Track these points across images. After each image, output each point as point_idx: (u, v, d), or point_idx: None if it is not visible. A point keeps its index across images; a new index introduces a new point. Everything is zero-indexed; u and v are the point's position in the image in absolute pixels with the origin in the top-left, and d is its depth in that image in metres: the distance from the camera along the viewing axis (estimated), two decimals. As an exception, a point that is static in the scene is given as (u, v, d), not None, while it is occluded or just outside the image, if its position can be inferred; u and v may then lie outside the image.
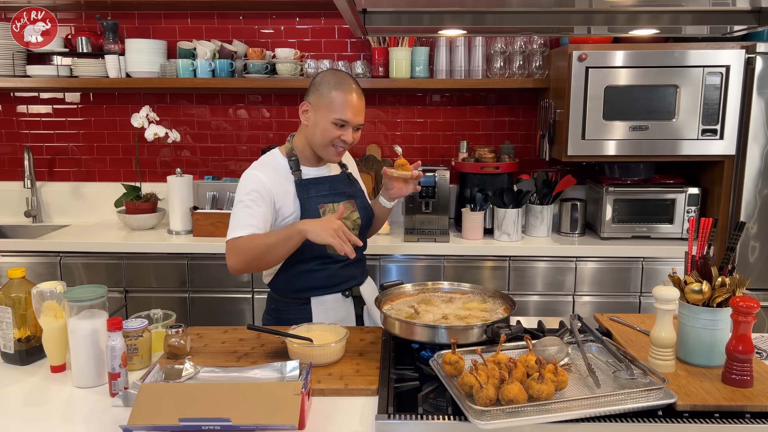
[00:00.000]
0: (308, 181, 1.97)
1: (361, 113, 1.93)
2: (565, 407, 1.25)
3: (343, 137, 1.90)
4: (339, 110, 1.87)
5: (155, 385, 1.38)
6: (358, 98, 1.91)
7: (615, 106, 2.79)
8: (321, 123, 1.89)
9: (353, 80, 1.94)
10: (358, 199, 2.05)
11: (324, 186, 1.99)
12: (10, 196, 3.46)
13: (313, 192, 1.96)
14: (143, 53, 3.14)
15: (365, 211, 2.05)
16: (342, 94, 1.87)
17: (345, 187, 2.04)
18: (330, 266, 1.99)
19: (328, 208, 1.96)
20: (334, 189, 2.01)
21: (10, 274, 1.63)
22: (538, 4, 1.67)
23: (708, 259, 1.51)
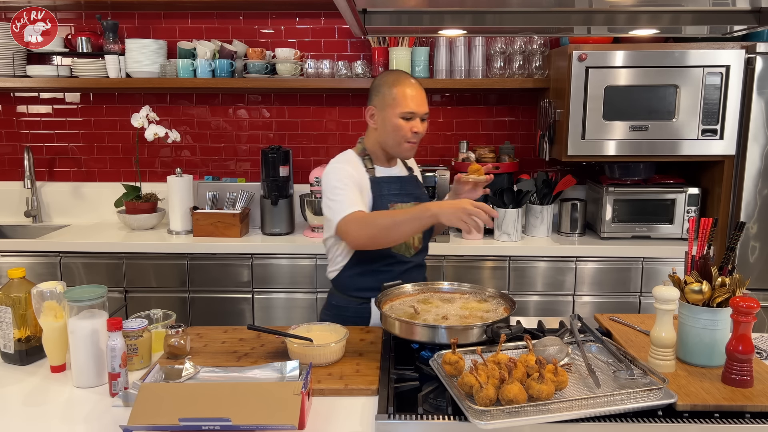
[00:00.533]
0: (381, 179, 2.01)
1: (425, 102, 1.98)
2: (565, 407, 1.25)
3: (414, 129, 1.95)
4: (404, 104, 1.93)
5: (155, 385, 1.38)
6: (418, 90, 1.96)
7: (615, 106, 2.79)
8: (390, 121, 1.95)
9: (408, 75, 2.01)
10: (422, 201, 2.07)
11: (395, 185, 2.03)
12: (10, 196, 3.46)
13: (385, 190, 2.00)
14: (143, 53, 3.14)
15: None
16: (402, 89, 1.94)
17: (413, 188, 2.09)
18: (394, 268, 2.01)
19: (397, 207, 1.98)
20: (405, 189, 2.05)
21: (10, 274, 1.63)
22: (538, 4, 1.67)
23: (708, 259, 1.51)
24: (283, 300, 2.94)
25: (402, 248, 2.02)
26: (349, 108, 3.39)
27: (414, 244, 2.05)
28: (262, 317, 2.95)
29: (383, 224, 1.81)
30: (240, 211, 3.04)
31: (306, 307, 2.93)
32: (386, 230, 1.81)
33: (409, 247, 2.03)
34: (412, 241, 2.04)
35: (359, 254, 1.99)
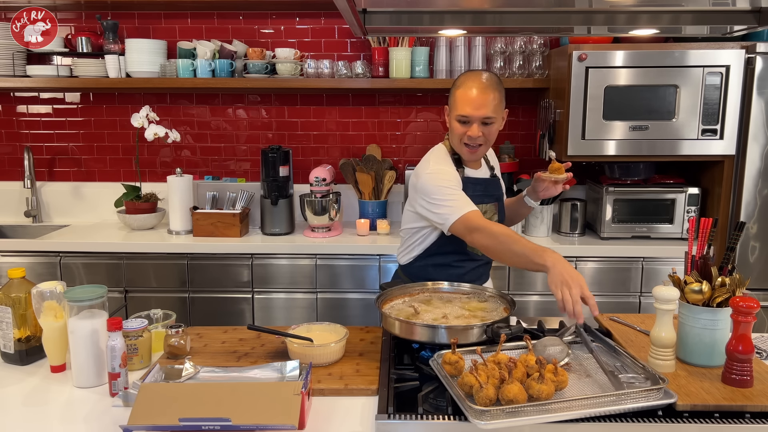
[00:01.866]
0: (468, 180, 2.01)
1: (485, 106, 1.88)
2: (565, 407, 1.25)
3: (469, 133, 1.91)
4: (460, 107, 1.90)
5: (155, 385, 1.38)
6: (480, 92, 1.88)
7: (615, 106, 2.79)
8: (451, 123, 1.96)
9: (480, 75, 1.91)
10: (500, 203, 2.10)
11: (480, 187, 2.03)
12: (10, 196, 3.46)
13: (471, 191, 1.98)
14: (143, 53, 3.14)
15: (502, 215, 2.12)
16: (463, 91, 1.90)
17: (495, 189, 2.09)
18: (465, 264, 2.04)
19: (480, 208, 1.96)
20: (487, 191, 2.05)
21: (10, 274, 1.63)
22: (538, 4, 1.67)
23: (708, 259, 1.51)
24: (283, 300, 2.94)
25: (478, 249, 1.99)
26: (349, 108, 3.39)
27: None
28: (262, 317, 2.95)
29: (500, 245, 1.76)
30: (240, 211, 3.04)
31: (306, 307, 2.93)
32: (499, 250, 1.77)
33: None
34: None
35: (436, 247, 2.02)
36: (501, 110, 1.95)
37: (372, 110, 3.39)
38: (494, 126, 1.94)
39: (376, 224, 3.07)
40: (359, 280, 2.91)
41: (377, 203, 3.20)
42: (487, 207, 2.03)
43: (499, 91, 1.92)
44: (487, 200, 2.04)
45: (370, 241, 2.95)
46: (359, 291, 2.92)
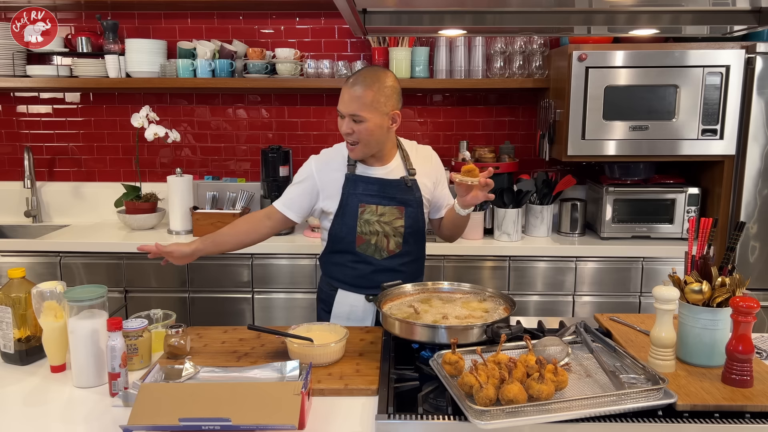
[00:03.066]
0: (359, 178, 1.98)
1: (354, 102, 1.86)
2: (565, 407, 1.25)
3: (340, 128, 1.93)
4: (339, 101, 1.92)
5: (155, 385, 1.38)
6: (352, 88, 1.87)
7: (615, 106, 2.79)
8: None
9: (364, 72, 1.92)
10: (410, 208, 2.00)
11: (373, 186, 1.98)
12: (10, 196, 3.46)
13: (360, 189, 1.97)
14: (143, 53, 3.14)
15: (413, 219, 2.01)
16: (344, 86, 1.91)
17: (398, 193, 1.99)
18: (359, 267, 2.01)
19: (370, 209, 1.96)
20: (384, 192, 1.98)
21: (10, 274, 1.63)
22: (538, 4, 1.67)
23: (708, 259, 1.51)
24: (283, 300, 2.94)
25: (370, 249, 2.00)
26: (349, 108, 3.39)
27: (387, 248, 2.00)
28: (262, 317, 2.95)
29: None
30: (240, 211, 3.04)
31: (306, 307, 2.93)
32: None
33: (380, 249, 2.00)
34: (385, 244, 1.99)
35: (332, 243, 2.04)
36: (377, 110, 1.87)
37: (372, 110, 3.39)
38: (365, 125, 1.87)
39: (376, 224, 3.07)
40: (359, 280, 2.91)
41: (377, 203, 3.20)
42: (385, 209, 1.97)
43: (374, 89, 1.86)
44: (385, 202, 1.97)
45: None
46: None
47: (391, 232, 2.00)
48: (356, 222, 1.97)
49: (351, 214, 1.97)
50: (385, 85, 1.90)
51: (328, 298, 2.09)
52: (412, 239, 2.04)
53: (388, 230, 1.99)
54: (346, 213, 1.98)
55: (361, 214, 1.97)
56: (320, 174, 2.01)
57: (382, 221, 1.98)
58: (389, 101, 1.91)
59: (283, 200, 2.07)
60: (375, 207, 1.97)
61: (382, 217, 1.98)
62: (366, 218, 1.97)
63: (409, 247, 2.04)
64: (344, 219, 1.99)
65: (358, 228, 1.98)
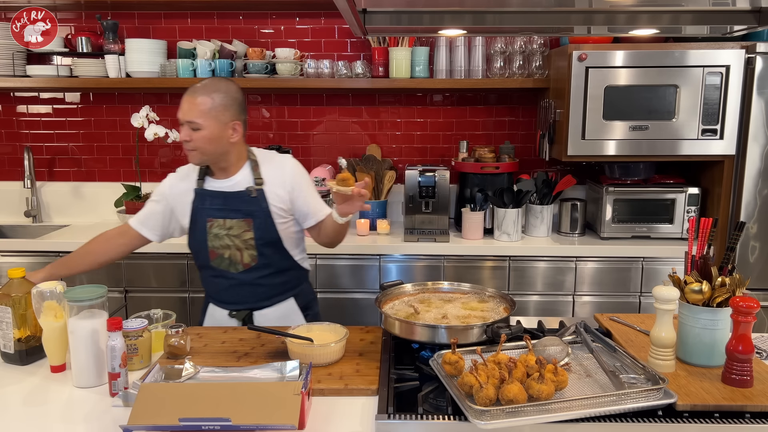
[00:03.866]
0: (206, 192, 1.97)
1: (192, 110, 1.86)
2: (565, 407, 1.25)
3: (180, 135, 1.91)
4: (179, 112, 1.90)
5: (155, 385, 1.38)
6: (190, 96, 1.87)
7: (615, 106, 2.79)
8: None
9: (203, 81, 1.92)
10: (257, 220, 1.94)
11: (218, 200, 1.96)
12: (10, 196, 3.46)
13: (207, 204, 1.96)
14: (143, 53, 3.14)
15: (264, 230, 1.95)
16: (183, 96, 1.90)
17: (243, 204, 1.94)
18: (218, 281, 2.02)
19: (217, 223, 1.94)
20: (228, 205, 1.95)
21: (10, 274, 1.63)
22: (538, 4, 1.66)
23: (708, 259, 1.51)
24: (283, 300, 2.93)
25: (224, 263, 1.98)
26: (349, 108, 3.39)
27: (242, 261, 1.97)
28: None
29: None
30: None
31: (306, 307, 2.93)
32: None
33: (234, 263, 1.98)
34: (239, 258, 1.97)
35: (194, 258, 2.06)
36: (215, 118, 1.86)
37: (372, 110, 3.40)
38: (202, 133, 1.86)
39: (376, 224, 3.07)
40: (359, 280, 2.91)
41: (377, 203, 3.20)
42: (232, 222, 1.94)
43: (213, 97, 1.86)
44: (231, 215, 1.94)
45: (370, 241, 2.95)
46: (359, 291, 2.92)
47: (242, 245, 1.96)
48: (206, 237, 1.96)
49: (201, 230, 1.96)
50: (225, 95, 1.89)
51: (204, 309, 2.12)
52: (269, 251, 1.98)
53: (239, 243, 1.96)
54: (196, 228, 1.97)
55: (210, 229, 1.95)
56: (173, 192, 2.01)
57: (231, 234, 1.95)
58: (228, 111, 1.89)
59: (139, 217, 2.06)
60: (222, 221, 1.95)
61: (230, 231, 1.95)
62: (215, 232, 1.95)
63: (266, 259, 1.99)
64: (195, 234, 1.98)
65: (209, 243, 1.97)
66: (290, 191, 1.99)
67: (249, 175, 1.98)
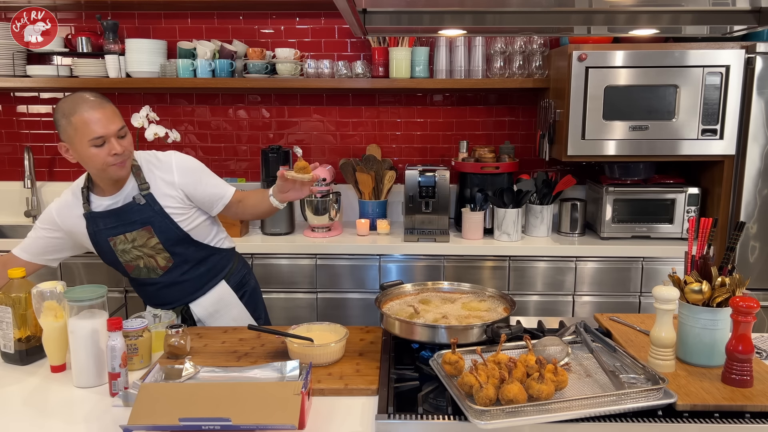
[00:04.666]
0: (96, 215, 1.89)
1: (114, 119, 1.80)
2: (564, 407, 1.25)
3: (113, 151, 1.78)
4: (89, 131, 1.76)
5: (155, 385, 1.38)
6: (99, 108, 1.78)
7: (615, 106, 2.79)
8: (83, 152, 1.78)
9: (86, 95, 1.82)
10: (155, 224, 1.89)
11: (111, 219, 1.88)
12: (10, 196, 3.46)
13: (102, 225, 1.89)
14: (143, 53, 3.14)
15: (167, 233, 1.91)
16: (81, 115, 1.76)
17: (135, 215, 1.88)
18: (146, 288, 2.03)
19: (119, 239, 1.89)
20: (124, 219, 1.88)
21: (10, 274, 1.63)
22: (538, 4, 1.66)
23: (708, 259, 1.51)
24: (283, 300, 2.94)
25: (143, 272, 1.96)
26: (349, 108, 3.39)
27: (159, 265, 1.94)
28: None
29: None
30: (240, 211, 3.04)
31: (306, 307, 2.93)
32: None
33: (152, 269, 1.95)
34: (155, 263, 1.94)
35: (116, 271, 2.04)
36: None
37: (372, 110, 3.40)
38: (128, 137, 1.84)
39: (376, 224, 3.07)
40: (359, 280, 2.91)
41: (377, 203, 3.20)
42: (134, 234, 1.88)
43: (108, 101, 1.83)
44: (129, 228, 1.88)
45: (370, 241, 2.95)
46: (359, 291, 2.92)
47: (152, 251, 1.92)
48: (115, 254, 1.92)
49: (107, 251, 1.91)
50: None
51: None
52: (180, 249, 1.95)
53: (148, 251, 1.92)
54: (102, 251, 1.92)
55: (115, 246, 1.90)
56: (63, 220, 1.93)
57: (137, 245, 1.90)
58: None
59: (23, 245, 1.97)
60: (123, 236, 1.89)
61: (135, 242, 1.90)
62: (121, 248, 1.90)
63: (180, 257, 1.96)
64: (104, 256, 1.95)
65: (120, 258, 1.93)
66: (183, 187, 1.94)
67: (134, 184, 1.90)
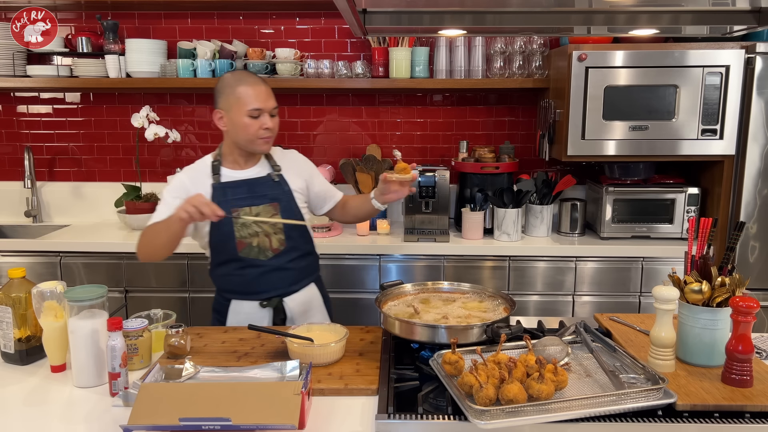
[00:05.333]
0: (226, 185, 1.98)
1: (271, 97, 1.98)
2: (564, 407, 1.25)
3: (264, 125, 1.94)
4: (249, 102, 1.93)
5: (155, 385, 1.38)
6: (262, 85, 1.97)
7: (615, 106, 2.79)
8: (238, 121, 1.94)
9: (250, 73, 2.02)
10: (282, 202, 2.01)
11: (241, 189, 1.98)
12: (10, 196, 3.46)
13: (230, 195, 1.97)
14: (143, 53, 3.14)
15: (291, 214, 2.01)
16: (245, 87, 1.93)
17: (267, 189, 2.01)
18: (247, 272, 2.00)
19: (243, 211, 1.95)
20: (254, 192, 1.99)
21: (10, 274, 1.63)
22: (538, 4, 1.67)
23: (708, 259, 1.51)
24: (283, 300, 2.93)
25: (254, 252, 1.98)
26: (349, 108, 3.40)
27: (272, 247, 2.00)
28: (262, 317, 2.94)
29: (147, 235, 1.87)
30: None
31: (306, 307, 2.93)
32: (149, 240, 1.86)
33: (263, 250, 1.99)
34: (268, 244, 1.99)
35: (215, 254, 2.03)
36: None
37: (372, 110, 3.40)
38: (276, 118, 1.99)
39: (376, 224, 3.07)
40: (359, 280, 2.91)
41: (377, 203, 3.20)
42: (259, 209, 1.97)
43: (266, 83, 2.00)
44: (257, 201, 1.98)
45: (370, 241, 2.95)
46: (359, 291, 2.92)
47: (271, 229, 1.99)
48: (233, 228, 1.96)
49: (226, 222, 1.93)
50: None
51: (224, 308, 2.07)
52: (295, 233, 2.04)
53: (268, 228, 1.99)
54: (220, 222, 1.93)
55: (236, 219, 1.95)
56: (196, 188, 1.95)
57: (260, 221, 1.97)
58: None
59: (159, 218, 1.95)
60: (249, 208, 1.97)
61: (257, 216, 1.97)
62: (242, 222, 1.96)
63: (293, 242, 2.03)
64: (219, 227, 1.96)
65: (236, 233, 1.96)
66: (307, 179, 2.11)
67: (266, 164, 2.06)
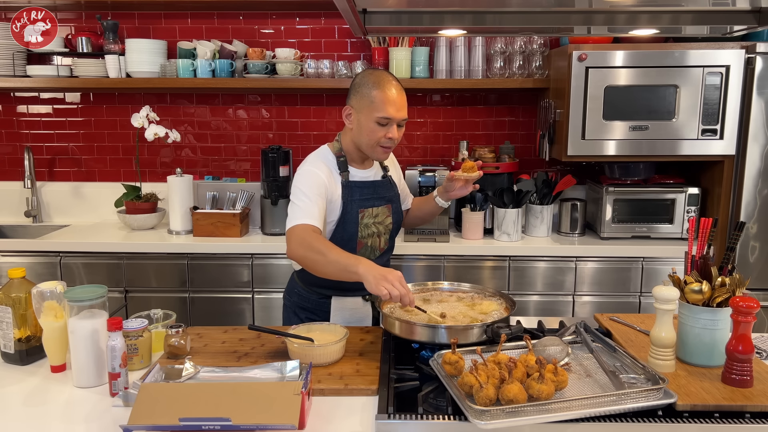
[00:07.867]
0: (354, 184, 1.97)
1: (404, 108, 1.89)
2: (564, 407, 1.25)
3: (389, 135, 1.88)
4: (381, 108, 1.85)
5: (155, 385, 1.38)
6: (399, 94, 1.87)
7: (615, 106, 2.79)
8: (365, 124, 1.88)
9: (392, 77, 1.92)
10: (394, 204, 2.05)
11: (368, 190, 1.99)
12: (10, 196, 3.46)
13: (357, 195, 1.96)
14: (143, 53, 3.14)
15: (398, 215, 2.07)
16: (382, 92, 1.85)
17: (386, 191, 2.04)
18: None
19: (368, 213, 1.97)
20: (377, 193, 2.01)
21: (10, 274, 1.63)
22: (538, 4, 1.67)
23: (708, 259, 1.51)
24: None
25: (367, 252, 2.00)
26: (349, 108, 3.39)
27: (380, 246, 2.04)
28: (262, 317, 2.95)
29: (314, 255, 1.75)
30: (240, 211, 3.04)
31: (306, 307, 2.93)
32: (315, 261, 1.76)
33: (374, 249, 2.02)
34: (378, 244, 2.02)
35: None
36: None
37: (372, 110, 3.39)
38: (403, 129, 1.95)
39: (376, 224, 3.07)
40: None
41: (377, 203, 3.20)
42: (378, 210, 2.00)
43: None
44: (378, 203, 2.00)
45: (370, 241, 2.95)
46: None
47: (383, 230, 2.03)
48: (357, 228, 1.97)
49: (352, 221, 1.95)
50: None
51: (318, 306, 2.05)
52: (395, 233, 2.10)
53: (381, 229, 2.02)
54: (347, 221, 1.95)
55: (361, 220, 1.97)
56: (330, 185, 1.93)
57: (377, 222, 2.00)
58: None
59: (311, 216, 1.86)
60: (371, 210, 1.98)
61: (376, 218, 1.99)
62: (365, 222, 1.98)
63: (391, 242, 2.10)
64: (345, 227, 1.96)
65: (359, 233, 1.98)
66: (398, 180, 2.16)
67: (378, 165, 2.07)
